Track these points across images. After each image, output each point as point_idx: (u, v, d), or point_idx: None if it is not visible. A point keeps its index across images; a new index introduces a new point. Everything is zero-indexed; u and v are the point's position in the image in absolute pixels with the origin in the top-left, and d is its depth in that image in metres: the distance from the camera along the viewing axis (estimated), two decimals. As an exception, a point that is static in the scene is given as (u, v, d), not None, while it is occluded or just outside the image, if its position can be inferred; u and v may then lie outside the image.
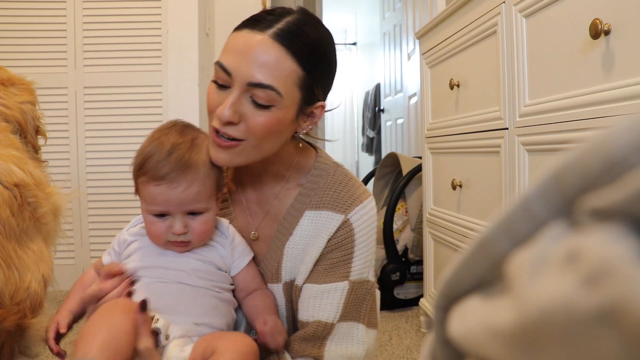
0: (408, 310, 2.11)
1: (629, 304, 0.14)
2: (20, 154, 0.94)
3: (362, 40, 6.05)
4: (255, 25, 0.65)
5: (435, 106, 1.73)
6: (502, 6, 1.21)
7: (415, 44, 3.33)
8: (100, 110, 2.45)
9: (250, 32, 0.65)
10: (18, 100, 1.02)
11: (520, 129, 1.14)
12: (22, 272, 0.82)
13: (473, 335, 0.20)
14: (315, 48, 0.68)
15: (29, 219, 0.87)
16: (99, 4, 2.43)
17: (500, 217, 0.20)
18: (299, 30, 0.66)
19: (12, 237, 0.83)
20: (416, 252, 2.16)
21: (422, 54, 1.82)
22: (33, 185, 0.90)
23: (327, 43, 0.72)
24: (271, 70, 0.64)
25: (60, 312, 0.78)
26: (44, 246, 0.90)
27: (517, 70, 1.16)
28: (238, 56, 0.65)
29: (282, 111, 0.67)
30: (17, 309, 0.80)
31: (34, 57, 2.42)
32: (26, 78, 1.10)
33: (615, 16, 0.84)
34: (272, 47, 0.64)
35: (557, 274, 0.16)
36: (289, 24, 0.66)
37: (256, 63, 0.64)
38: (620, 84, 0.84)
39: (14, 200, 0.85)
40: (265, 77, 0.64)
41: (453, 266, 0.23)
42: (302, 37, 0.66)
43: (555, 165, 0.18)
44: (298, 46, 0.65)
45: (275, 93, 0.65)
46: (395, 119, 4.09)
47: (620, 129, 0.16)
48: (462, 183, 1.49)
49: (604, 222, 0.16)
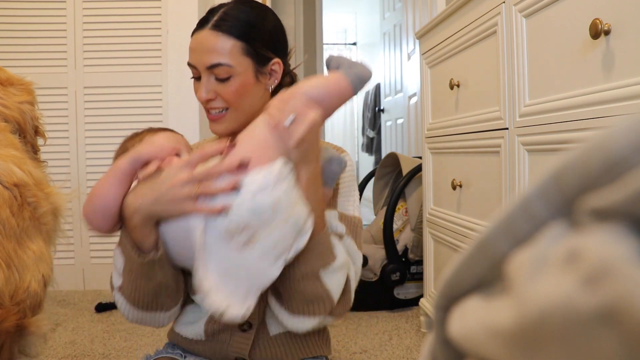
0: (408, 310, 2.11)
1: (629, 304, 0.14)
2: (20, 154, 0.94)
3: (362, 40, 6.05)
4: (201, 26, 0.85)
5: (435, 106, 1.73)
6: (502, 6, 1.21)
7: (415, 44, 3.33)
8: (100, 110, 2.45)
9: (198, 32, 0.85)
10: (17, 100, 1.02)
11: (520, 129, 1.14)
12: (22, 272, 0.82)
13: (473, 335, 0.20)
14: (246, 22, 0.84)
15: (29, 218, 0.87)
16: (99, 4, 2.43)
17: (501, 217, 0.20)
18: (230, 14, 0.84)
19: (12, 237, 0.83)
20: (416, 252, 2.16)
21: (422, 54, 1.82)
22: (33, 185, 0.90)
23: (258, 15, 0.86)
24: (217, 52, 0.82)
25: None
26: (44, 246, 0.90)
27: (517, 70, 1.16)
28: (195, 52, 0.85)
29: (240, 77, 0.83)
30: (17, 309, 0.80)
31: (34, 57, 2.42)
32: (25, 78, 1.10)
33: (615, 16, 0.84)
34: (212, 35, 0.82)
35: (557, 274, 0.16)
36: (222, 14, 0.84)
37: (206, 51, 0.83)
38: (620, 84, 0.84)
39: (13, 200, 0.85)
40: (215, 58, 0.82)
41: (453, 266, 0.23)
42: (232, 18, 0.83)
43: (555, 166, 0.18)
44: (230, 27, 0.83)
45: (227, 67, 0.82)
46: (395, 119, 4.09)
47: (620, 129, 0.16)
48: (462, 183, 1.49)
49: (604, 222, 0.16)
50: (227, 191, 0.68)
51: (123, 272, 0.77)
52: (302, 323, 0.78)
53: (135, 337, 1.82)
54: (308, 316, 0.77)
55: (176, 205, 0.69)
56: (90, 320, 2.00)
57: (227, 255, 0.68)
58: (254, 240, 0.67)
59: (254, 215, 0.67)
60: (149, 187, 0.71)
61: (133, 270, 0.75)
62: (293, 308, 0.77)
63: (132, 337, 1.81)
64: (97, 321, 1.99)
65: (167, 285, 0.77)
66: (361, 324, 1.95)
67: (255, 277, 0.69)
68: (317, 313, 0.76)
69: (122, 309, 0.80)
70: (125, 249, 0.75)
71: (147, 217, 0.71)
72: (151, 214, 0.71)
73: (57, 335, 1.83)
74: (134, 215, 0.71)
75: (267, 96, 0.89)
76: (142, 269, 0.74)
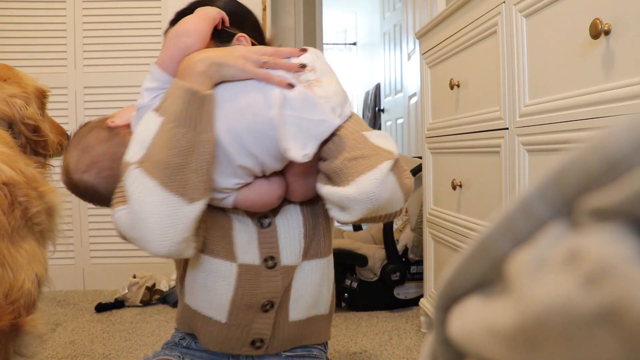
0: (408, 311, 2.11)
1: (629, 304, 0.14)
2: (10, 151, 0.92)
3: (362, 40, 6.05)
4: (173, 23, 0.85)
5: (435, 106, 1.73)
6: (502, 6, 1.21)
7: (415, 43, 3.33)
8: (100, 110, 2.44)
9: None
10: (6, 92, 1.00)
11: (520, 129, 1.14)
12: (15, 271, 0.82)
13: (473, 335, 0.20)
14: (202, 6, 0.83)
15: (21, 218, 0.86)
16: (99, 4, 2.43)
17: (501, 217, 0.20)
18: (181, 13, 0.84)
19: (5, 236, 0.82)
20: (416, 252, 2.16)
21: (422, 54, 1.82)
22: (24, 183, 0.89)
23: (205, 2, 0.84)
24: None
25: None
26: (37, 246, 0.89)
27: (517, 70, 1.16)
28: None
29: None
30: (11, 308, 0.80)
31: (34, 57, 2.42)
32: (28, 77, 1.09)
33: (615, 16, 0.84)
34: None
35: (557, 274, 0.16)
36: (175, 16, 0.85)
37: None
38: (620, 84, 0.84)
39: (4, 199, 0.84)
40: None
41: (453, 266, 0.23)
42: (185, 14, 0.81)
43: (555, 166, 0.18)
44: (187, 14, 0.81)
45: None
46: (395, 119, 4.09)
47: (620, 129, 0.16)
48: (462, 183, 1.49)
49: (604, 222, 0.16)
50: (292, 69, 0.72)
51: (153, 138, 0.67)
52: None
53: (135, 337, 1.82)
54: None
55: (243, 63, 0.71)
56: (90, 320, 2.00)
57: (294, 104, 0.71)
58: (318, 83, 0.73)
59: (317, 58, 0.75)
60: (221, 48, 0.76)
61: (170, 133, 0.67)
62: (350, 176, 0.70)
63: (132, 337, 1.81)
64: (97, 321, 1.99)
65: (200, 162, 0.68)
66: (361, 324, 1.95)
67: (318, 125, 0.72)
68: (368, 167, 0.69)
69: (136, 192, 0.65)
70: (171, 102, 0.69)
71: (212, 65, 0.70)
72: (217, 62, 0.70)
73: (57, 335, 1.83)
74: (200, 61, 0.70)
75: None
76: (189, 121, 0.68)
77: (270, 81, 0.71)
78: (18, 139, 1.00)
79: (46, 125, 1.09)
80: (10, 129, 1.00)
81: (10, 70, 1.06)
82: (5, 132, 0.97)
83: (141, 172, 0.66)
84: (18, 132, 1.01)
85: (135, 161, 0.67)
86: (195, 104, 0.68)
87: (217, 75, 0.71)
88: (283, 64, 0.73)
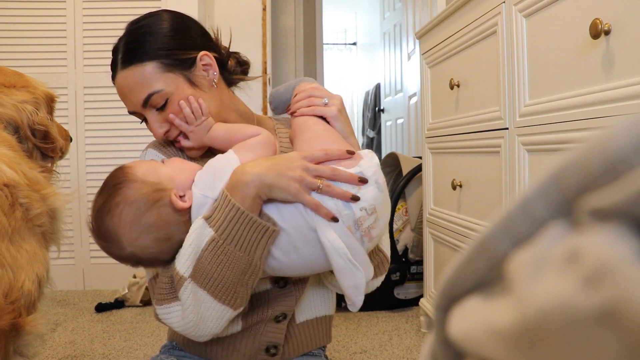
0: (408, 310, 2.11)
1: (629, 304, 0.14)
2: (14, 154, 0.93)
3: (362, 40, 6.05)
4: (114, 71, 0.82)
5: (435, 106, 1.73)
6: (502, 6, 1.21)
7: (415, 43, 3.33)
8: (100, 110, 2.45)
9: (115, 78, 0.82)
10: (16, 99, 1.01)
11: (520, 129, 1.14)
12: (15, 272, 0.82)
13: (473, 335, 0.20)
14: (145, 41, 0.80)
15: (21, 219, 0.87)
16: (99, 4, 2.43)
17: (500, 217, 0.20)
18: (129, 43, 0.81)
19: (5, 237, 0.82)
20: (416, 252, 2.16)
21: (422, 53, 1.82)
22: (25, 185, 0.89)
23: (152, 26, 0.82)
24: (140, 85, 0.79)
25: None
26: (38, 247, 0.90)
27: (517, 70, 1.16)
28: (124, 98, 0.82)
29: (176, 94, 0.80)
30: (11, 307, 0.80)
31: (34, 57, 2.42)
32: (37, 83, 1.10)
33: (615, 16, 0.84)
34: (126, 73, 0.80)
35: (557, 274, 0.16)
36: (123, 47, 0.82)
37: (131, 92, 0.80)
38: (620, 84, 0.84)
39: (4, 200, 0.84)
40: (141, 93, 0.79)
41: (453, 266, 0.23)
42: (132, 45, 0.81)
43: (555, 166, 0.18)
44: (135, 54, 0.80)
45: (156, 93, 0.79)
46: (395, 119, 4.09)
47: (620, 129, 0.16)
48: (462, 183, 1.49)
49: (604, 222, 0.16)
50: (345, 198, 0.69)
51: (204, 251, 0.69)
52: (374, 283, 0.87)
53: (135, 337, 1.82)
54: (377, 277, 0.85)
55: (297, 190, 0.68)
56: (90, 320, 2.00)
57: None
58: (375, 225, 0.72)
59: (380, 192, 0.71)
60: (277, 157, 0.72)
61: (223, 247, 0.68)
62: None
63: (132, 337, 1.81)
64: (97, 321, 1.99)
65: (248, 277, 0.71)
66: (361, 324, 1.95)
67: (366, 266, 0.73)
68: (382, 273, 0.86)
69: (190, 302, 0.70)
70: (221, 217, 0.69)
71: (263, 187, 0.68)
72: (268, 185, 0.68)
73: (57, 335, 1.83)
74: (252, 183, 0.68)
75: (220, 89, 0.86)
76: (244, 246, 0.68)
77: (317, 212, 0.68)
78: (24, 144, 1.01)
79: (55, 130, 1.09)
80: (17, 134, 1.00)
81: (21, 77, 1.07)
82: (10, 136, 0.97)
83: (194, 286, 0.70)
84: (24, 137, 1.02)
85: (188, 276, 0.70)
86: (255, 233, 0.68)
87: (268, 196, 0.69)
88: (336, 193, 0.69)
